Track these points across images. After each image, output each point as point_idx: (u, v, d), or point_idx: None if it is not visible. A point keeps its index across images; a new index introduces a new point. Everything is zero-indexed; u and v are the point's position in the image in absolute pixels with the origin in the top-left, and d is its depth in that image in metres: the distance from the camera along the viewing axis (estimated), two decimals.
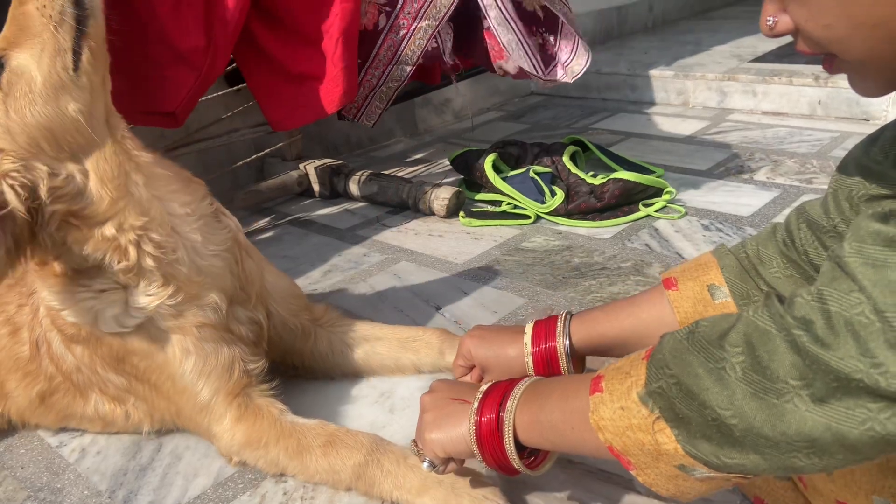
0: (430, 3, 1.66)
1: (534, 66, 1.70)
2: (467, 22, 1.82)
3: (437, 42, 1.84)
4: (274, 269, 1.16)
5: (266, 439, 0.97)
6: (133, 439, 1.10)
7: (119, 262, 0.90)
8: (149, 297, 0.93)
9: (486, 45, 1.84)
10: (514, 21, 1.64)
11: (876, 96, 0.59)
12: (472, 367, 1.02)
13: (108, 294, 0.94)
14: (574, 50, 1.76)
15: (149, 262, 0.91)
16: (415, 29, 1.69)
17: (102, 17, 0.88)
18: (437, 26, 1.68)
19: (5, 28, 0.86)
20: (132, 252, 0.90)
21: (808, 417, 0.52)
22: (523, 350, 0.95)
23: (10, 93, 0.82)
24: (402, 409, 1.12)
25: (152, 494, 0.98)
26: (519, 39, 1.66)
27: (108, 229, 0.88)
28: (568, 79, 1.75)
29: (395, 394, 1.16)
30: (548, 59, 1.76)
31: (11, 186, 0.81)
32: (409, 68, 1.73)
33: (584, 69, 1.75)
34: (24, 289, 1.07)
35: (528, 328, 0.97)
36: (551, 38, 1.79)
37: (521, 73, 1.80)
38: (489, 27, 1.70)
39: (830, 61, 0.59)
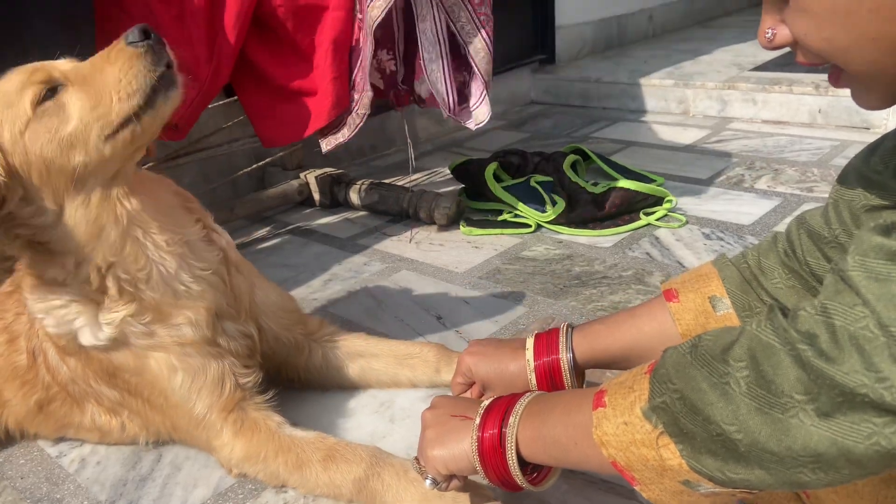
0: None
1: (447, 93, 1.58)
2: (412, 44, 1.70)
3: (395, 66, 1.73)
4: (266, 282, 1.16)
5: (265, 453, 0.96)
6: (133, 449, 1.09)
7: (81, 283, 0.92)
8: (114, 313, 0.94)
9: (416, 64, 1.71)
10: (443, 44, 1.56)
11: (880, 109, 0.58)
12: (471, 385, 1.01)
13: (78, 304, 0.94)
14: (481, 98, 1.64)
15: (112, 290, 0.92)
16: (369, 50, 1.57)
17: (166, 117, 0.90)
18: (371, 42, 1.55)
19: (91, 61, 0.88)
20: (94, 279, 0.91)
21: (813, 432, 0.52)
22: (525, 365, 0.95)
23: (40, 119, 0.84)
24: (403, 419, 1.11)
25: None
26: (442, 63, 1.57)
27: (70, 263, 0.90)
28: (472, 125, 1.63)
29: (395, 404, 1.16)
30: (462, 98, 1.66)
31: None
32: (370, 94, 1.59)
33: (486, 119, 1.63)
34: (22, 297, 1.06)
35: (529, 343, 0.96)
36: (468, 81, 1.68)
37: (432, 99, 1.69)
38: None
39: (836, 75, 0.59)
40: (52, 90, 0.85)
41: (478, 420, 0.79)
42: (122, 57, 0.85)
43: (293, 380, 1.18)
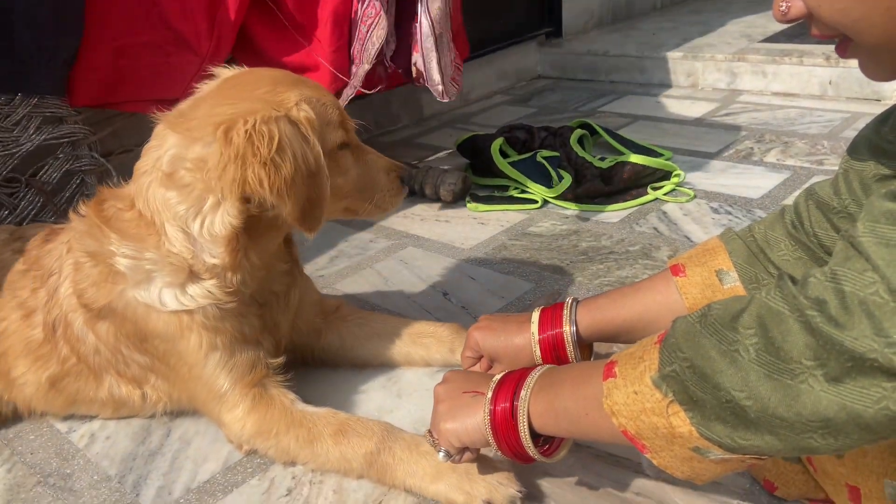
0: None
1: (439, 68, 1.57)
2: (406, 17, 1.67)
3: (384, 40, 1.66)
4: (306, 278, 1.19)
5: (277, 429, 0.97)
6: (142, 424, 1.10)
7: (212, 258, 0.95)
8: (206, 291, 0.96)
9: (412, 37, 1.67)
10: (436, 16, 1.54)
11: (888, 80, 0.59)
12: (479, 358, 1.02)
13: (170, 268, 0.95)
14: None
15: (234, 280, 0.97)
16: (379, 19, 1.55)
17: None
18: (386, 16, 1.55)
19: (370, 152, 1.06)
20: (229, 266, 0.96)
21: (822, 397, 0.52)
22: (530, 338, 0.95)
23: (334, 158, 0.98)
24: (410, 394, 1.12)
25: (162, 479, 0.99)
26: (432, 37, 1.55)
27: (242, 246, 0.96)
28: (446, 98, 1.67)
29: (402, 378, 1.16)
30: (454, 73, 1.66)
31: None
32: (367, 67, 1.58)
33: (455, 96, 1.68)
34: (39, 272, 1.08)
35: (535, 316, 0.97)
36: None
37: (421, 74, 1.67)
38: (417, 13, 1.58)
39: (844, 46, 0.59)
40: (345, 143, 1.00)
41: (490, 394, 0.80)
42: (395, 185, 1.07)
43: (307, 359, 1.19)
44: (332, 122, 0.97)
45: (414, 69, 1.69)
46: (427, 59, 1.61)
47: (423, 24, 1.57)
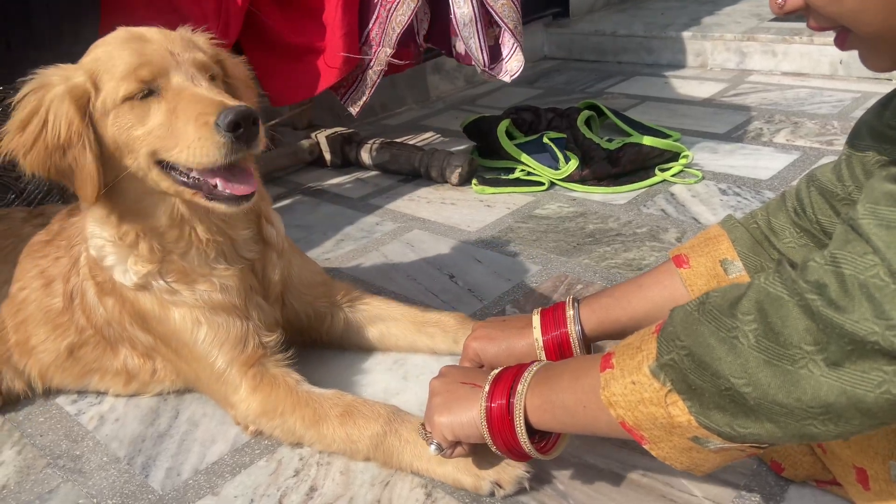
0: None
1: (480, 50, 1.59)
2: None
3: (414, 21, 1.68)
4: (302, 261, 1.18)
5: (282, 408, 0.97)
6: (151, 406, 1.11)
7: (121, 234, 0.98)
8: (139, 266, 0.98)
9: (450, 19, 1.69)
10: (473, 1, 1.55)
11: (888, 70, 0.58)
12: (479, 367, 1.00)
13: (112, 246, 0.99)
14: (512, 49, 1.64)
15: (143, 250, 0.98)
16: (399, 2, 1.57)
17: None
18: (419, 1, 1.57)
19: (188, 92, 0.88)
20: (131, 237, 0.98)
21: (823, 382, 0.52)
22: (533, 343, 0.94)
23: (125, 110, 0.90)
24: (416, 377, 1.12)
25: (170, 461, 1.00)
26: (475, 21, 1.56)
27: (114, 217, 0.97)
28: (507, 78, 1.65)
29: (408, 361, 1.16)
30: (497, 52, 1.66)
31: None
32: (389, 51, 1.59)
33: (520, 69, 1.65)
34: (63, 241, 1.10)
35: (535, 320, 0.96)
36: (499, 31, 1.66)
37: (468, 56, 1.68)
38: None
39: (843, 38, 0.59)
40: (150, 91, 0.89)
41: (487, 388, 0.80)
42: (206, 132, 0.85)
43: (315, 341, 1.20)
44: (113, 77, 0.88)
45: (454, 51, 1.71)
46: (465, 34, 1.61)
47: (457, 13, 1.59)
